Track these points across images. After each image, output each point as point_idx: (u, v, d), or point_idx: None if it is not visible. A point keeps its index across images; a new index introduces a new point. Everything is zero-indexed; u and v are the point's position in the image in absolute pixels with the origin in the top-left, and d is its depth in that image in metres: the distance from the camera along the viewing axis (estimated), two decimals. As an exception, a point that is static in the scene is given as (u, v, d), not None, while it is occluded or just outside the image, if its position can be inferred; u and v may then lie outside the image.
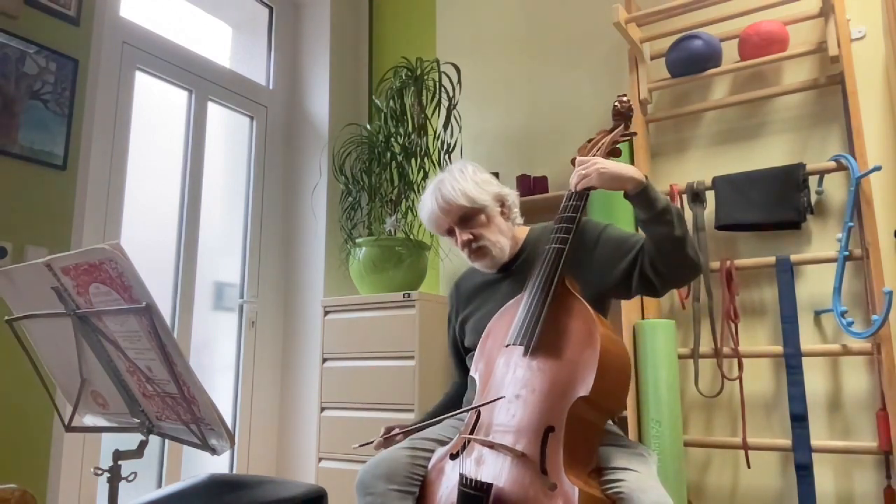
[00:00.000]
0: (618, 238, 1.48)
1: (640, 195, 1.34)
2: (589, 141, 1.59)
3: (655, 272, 1.38)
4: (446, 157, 2.57)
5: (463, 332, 1.66)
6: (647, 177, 1.36)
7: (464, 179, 1.55)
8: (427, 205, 1.58)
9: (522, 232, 1.64)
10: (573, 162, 1.53)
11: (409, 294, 2.36)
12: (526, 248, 1.60)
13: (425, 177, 2.57)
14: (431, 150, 2.61)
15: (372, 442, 1.51)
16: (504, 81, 2.88)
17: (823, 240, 2.14)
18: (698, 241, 2.19)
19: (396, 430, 1.52)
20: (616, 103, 1.59)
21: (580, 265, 1.49)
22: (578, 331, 1.30)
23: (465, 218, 1.54)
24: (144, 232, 2.46)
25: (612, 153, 1.54)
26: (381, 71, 3.08)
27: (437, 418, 1.46)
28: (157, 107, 2.58)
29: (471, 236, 1.54)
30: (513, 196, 1.63)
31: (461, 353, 1.70)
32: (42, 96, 2.03)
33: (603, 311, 1.49)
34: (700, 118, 2.41)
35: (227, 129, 2.90)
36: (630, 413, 2.13)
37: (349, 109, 3.15)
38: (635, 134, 1.63)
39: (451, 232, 1.58)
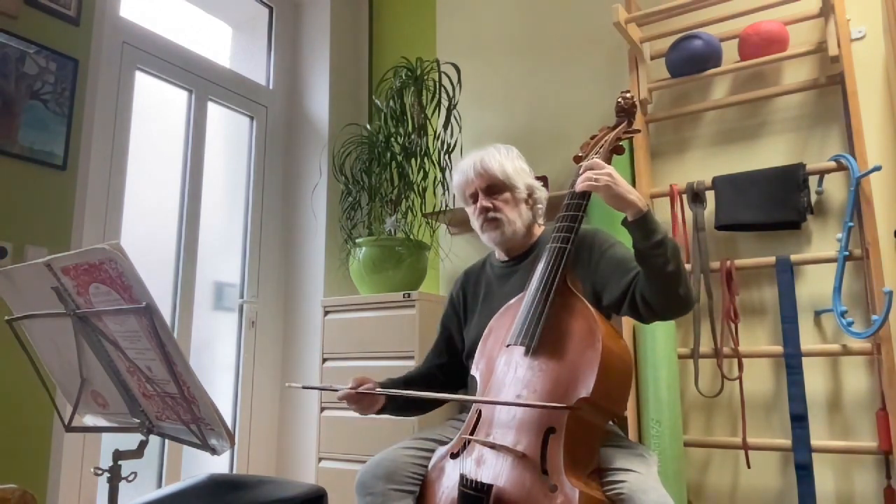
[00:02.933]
0: (620, 259, 1.46)
1: (639, 222, 1.31)
2: (592, 138, 1.58)
3: (644, 303, 1.36)
4: (446, 157, 2.57)
5: (467, 323, 1.66)
6: (649, 206, 1.34)
7: (507, 158, 1.61)
8: (464, 165, 1.63)
9: (538, 230, 1.66)
10: (575, 159, 1.52)
11: (409, 294, 2.36)
12: (538, 245, 1.60)
13: (425, 177, 2.57)
14: (431, 150, 2.61)
15: (336, 389, 1.49)
16: (504, 81, 2.88)
17: (823, 240, 2.14)
18: (698, 241, 2.19)
19: (370, 385, 1.50)
20: (619, 99, 1.57)
21: (579, 273, 1.49)
22: (580, 331, 1.30)
23: (493, 188, 1.58)
24: (144, 232, 2.46)
25: (615, 151, 1.53)
26: (381, 71, 3.07)
27: (418, 393, 1.43)
28: (157, 107, 2.58)
29: (490, 205, 1.57)
30: (542, 193, 1.66)
31: (447, 346, 1.72)
32: (42, 96, 2.03)
33: None
34: (700, 118, 2.41)
35: (227, 129, 2.90)
36: (630, 413, 2.13)
37: (349, 109, 3.15)
38: (639, 131, 1.62)
39: (474, 198, 1.61)
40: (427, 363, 1.73)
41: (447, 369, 1.69)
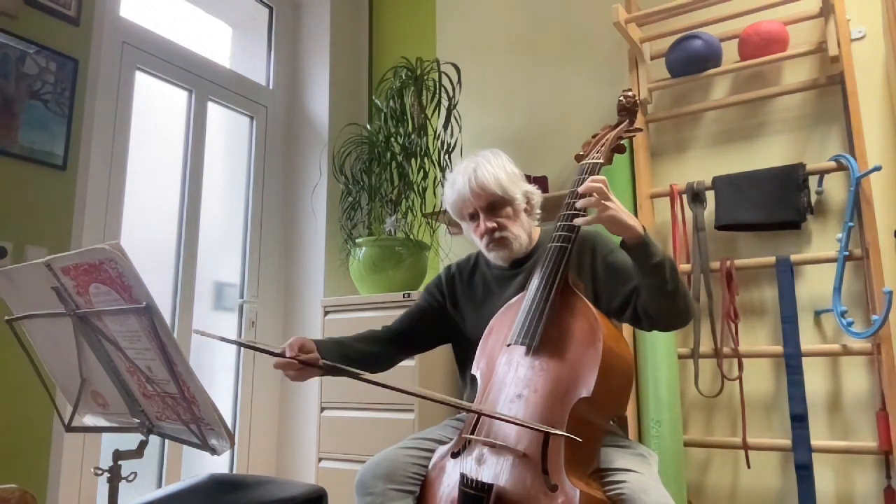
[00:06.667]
0: (621, 267, 1.46)
1: (637, 247, 1.31)
2: (593, 137, 1.57)
3: (647, 315, 1.38)
4: (446, 157, 2.57)
5: (460, 322, 1.64)
6: (644, 228, 1.33)
7: (499, 167, 1.55)
8: (458, 185, 1.56)
9: (536, 232, 1.64)
10: (577, 158, 1.52)
11: (409, 294, 2.36)
12: (538, 247, 1.59)
13: (425, 177, 2.57)
14: (431, 150, 2.61)
15: (259, 348, 1.32)
16: (504, 81, 2.88)
17: (823, 240, 2.14)
18: (698, 241, 2.20)
19: (314, 356, 1.36)
20: (621, 98, 1.56)
21: (579, 275, 1.49)
22: (581, 330, 1.30)
23: (494, 206, 1.54)
24: (144, 232, 2.46)
25: (617, 150, 1.52)
26: (381, 71, 3.08)
27: (347, 368, 1.32)
28: (157, 107, 2.58)
29: (495, 225, 1.53)
30: (538, 196, 1.63)
31: (418, 319, 1.67)
32: (42, 96, 2.03)
33: None
34: (700, 118, 2.41)
35: (227, 129, 2.90)
36: (630, 413, 2.13)
37: (349, 109, 3.14)
38: (640, 130, 1.61)
39: (473, 217, 1.57)
40: (384, 327, 1.68)
41: (397, 337, 1.65)
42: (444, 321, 1.67)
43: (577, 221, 1.34)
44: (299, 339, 1.41)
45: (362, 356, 1.56)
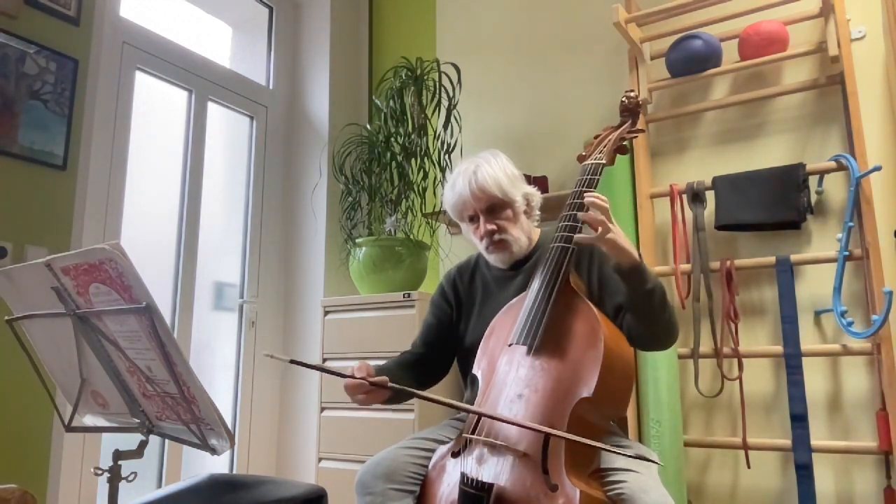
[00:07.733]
0: (612, 279, 1.44)
1: (633, 272, 1.31)
2: (595, 137, 1.57)
3: (629, 333, 1.38)
4: (446, 157, 2.57)
5: (462, 324, 1.65)
6: (640, 255, 1.34)
7: (499, 169, 1.55)
8: (458, 186, 1.55)
9: (535, 233, 1.64)
10: (580, 159, 1.52)
11: (409, 294, 2.36)
12: (538, 248, 1.59)
13: (425, 177, 2.57)
14: (431, 150, 2.61)
15: (332, 371, 1.24)
16: (504, 81, 2.88)
17: (823, 240, 2.14)
18: (698, 241, 2.20)
19: (382, 378, 1.33)
20: (624, 99, 1.57)
21: (579, 275, 1.49)
22: (582, 331, 1.30)
23: (494, 208, 1.54)
24: (144, 232, 2.46)
25: (619, 150, 1.53)
26: (381, 71, 3.08)
27: (436, 397, 1.28)
28: (157, 107, 2.58)
29: (495, 227, 1.53)
30: (537, 197, 1.63)
31: (437, 336, 1.66)
32: (42, 96, 2.03)
33: None
34: (700, 118, 2.41)
35: (227, 129, 2.90)
36: (630, 413, 2.13)
37: (349, 109, 3.15)
38: (643, 131, 1.61)
39: (473, 219, 1.57)
40: (411, 352, 1.67)
41: (426, 360, 1.65)
42: (456, 329, 1.67)
43: (577, 238, 1.34)
44: (365, 364, 1.38)
45: (414, 384, 1.51)
